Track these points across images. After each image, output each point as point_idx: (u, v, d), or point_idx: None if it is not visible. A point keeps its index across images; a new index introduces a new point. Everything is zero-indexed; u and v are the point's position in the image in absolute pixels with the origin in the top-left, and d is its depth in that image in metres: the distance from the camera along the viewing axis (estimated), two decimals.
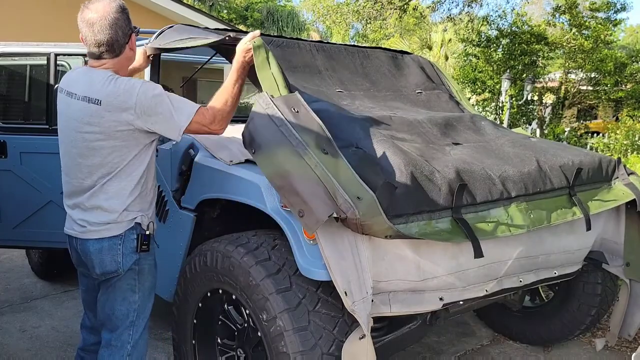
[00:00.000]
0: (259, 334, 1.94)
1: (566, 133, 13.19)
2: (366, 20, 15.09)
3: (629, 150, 10.27)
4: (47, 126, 3.05)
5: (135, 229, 1.94)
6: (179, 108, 1.84)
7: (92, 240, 1.91)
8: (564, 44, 13.15)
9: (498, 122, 11.12)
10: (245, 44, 2.05)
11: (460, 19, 14.43)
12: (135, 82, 1.83)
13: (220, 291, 2.14)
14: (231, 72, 2.01)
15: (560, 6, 13.26)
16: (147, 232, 1.96)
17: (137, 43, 2.86)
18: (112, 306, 1.98)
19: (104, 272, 1.94)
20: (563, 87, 14.43)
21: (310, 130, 1.84)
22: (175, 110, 1.83)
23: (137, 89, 1.81)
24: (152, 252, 2.03)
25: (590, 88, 14.10)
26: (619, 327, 2.75)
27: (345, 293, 1.67)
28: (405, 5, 13.23)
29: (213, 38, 2.47)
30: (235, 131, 2.43)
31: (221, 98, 1.94)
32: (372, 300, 1.80)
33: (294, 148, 1.75)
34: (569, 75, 14.23)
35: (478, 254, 1.94)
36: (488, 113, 14.30)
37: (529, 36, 12.80)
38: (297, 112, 1.91)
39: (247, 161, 2.29)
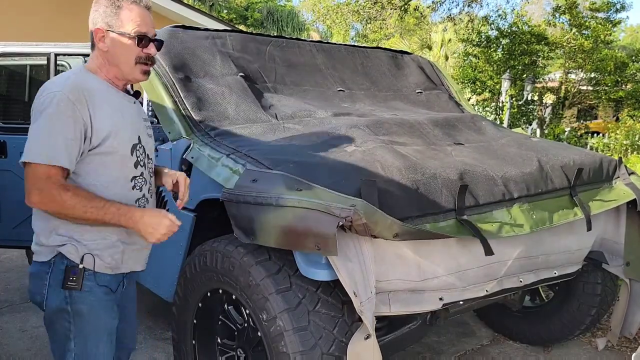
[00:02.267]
0: (259, 334, 1.94)
1: (566, 133, 13.19)
2: (366, 20, 15.09)
3: (629, 150, 10.27)
4: None
5: (63, 258, 1.56)
6: (39, 139, 1.45)
7: (33, 261, 1.64)
8: (564, 44, 13.15)
9: (498, 122, 11.15)
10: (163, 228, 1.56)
11: (460, 19, 14.44)
12: (55, 82, 1.54)
13: (220, 291, 2.14)
14: (114, 211, 1.50)
15: (560, 6, 13.27)
16: (81, 266, 1.55)
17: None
18: (50, 347, 1.71)
19: (34, 302, 1.66)
20: (563, 87, 14.44)
21: (275, 184, 1.83)
22: (36, 137, 1.45)
23: (45, 89, 1.51)
24: (95, 292, 1.60)
25: (590, 88, 14.11)
26: (620, 326, 2.75)
27: (355, 294, 1.68)
28: (405, 6, 13.23)
29: None
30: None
31: (82, 202, 1.46)
32: None
33: (274, 205, 1.76)
34: (569, 75, 14.23)
35: (488, 251, 1.95)
36: (488, 113, 14.31)
37: (529, 36, 12.81)
38: (256, 180, 1.90)
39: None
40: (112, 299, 1.69)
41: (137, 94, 1.78)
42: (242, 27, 21.94)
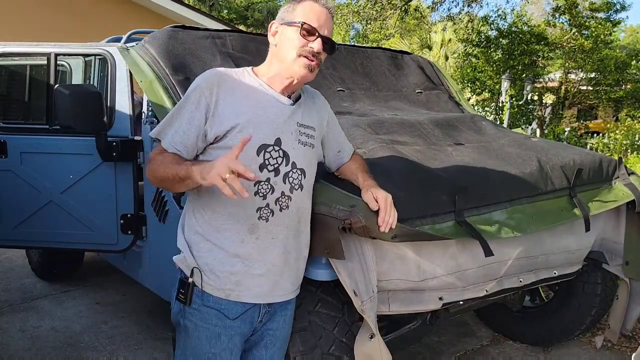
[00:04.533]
0: None
1: (566, 133, 13.20)
2: (366, 21, 15.10)
3: (628, 150, 10.28)
4: (48, 126, 3.05)
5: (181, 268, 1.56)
6: (168, 117, 1.52)
7: None
8: (564, 44, 13.16)
9: (498, 122, 11.15)
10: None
11: (460, 19, 14.45)
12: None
13: None
14: (186, 170, 1.36)
15: (560, 6, 13.28)
16: (190, 280, 1.50)
17: (130, 44, 2.86)
18: None
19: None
20: (563, 87, 14.45)
21: None
22: (167, 116, 1.52)
23: None
24: (203, 313, 1.51)
25: (590, 88, 14.13)
26: (620, 324, 2.75)
27: (355, 293, 1.68)
28: (406, 6, 13.23)
29: None
30: None
31: (167, 161, 1.43)
32: None
33: None
34: (569, 75, 14.25)
35: (488, 252, 1.95)
36: (488, 113, 14.32)
37: (529, 36, 12.82)
38: None
39: None
40: (227, 328, 1.52)
41: (296, 97, 1.59)
42: (242, 27, 21.93)
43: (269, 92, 1.51)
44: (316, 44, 1.47)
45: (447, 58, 19.57)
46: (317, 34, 1.47)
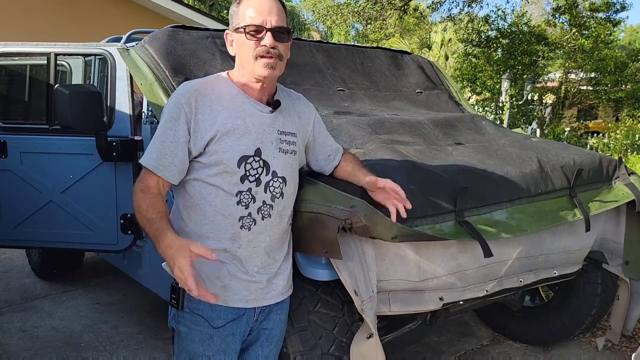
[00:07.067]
0: None
1: (566, 133, 13.20)
2: (366, 21, 15.09)
3: (629, 150, 10.28)
4: (47, 126, 3.05)
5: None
6: (152, 141, 1.48)
7: None
8: (564, 44, 13.17)
9: (498, 122, 11.15)
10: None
11: (460, 19, 14.44)
12: (183, 84, 1.54)
13: None
14: (155, 228, 1.38)
15: (560, 6, 13.29)
16: (179, 285, 1.44)
17: (130, 44, 2.86)
18: None
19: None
20: (563, 87, 14.45)
21: None
22: (152, 140, 1.49)
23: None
24: (194, 316, 1.52)
25: (590, 88, 14.13)
26: (621, 325, 2.75)
27: (355, 292, 1.68)
28: (405, 6, 13.23)
29: None
30: None
31: (144, 205, 1.43)
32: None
33: None
34: (569, 75, 14.25)
35: (487, 253, 1.94)
36: (488, 113, 14.32)
37: (529, 36, 12.82)
38: None
39: None
40: (219, 329, 1.52)
41: (276, 104, 1.54)
42: None
43: (247, 100, 1.49)
44: (267, 39, 1.41)
45: (447, 58, 19.57)
46: (264, 30, 1.41)
